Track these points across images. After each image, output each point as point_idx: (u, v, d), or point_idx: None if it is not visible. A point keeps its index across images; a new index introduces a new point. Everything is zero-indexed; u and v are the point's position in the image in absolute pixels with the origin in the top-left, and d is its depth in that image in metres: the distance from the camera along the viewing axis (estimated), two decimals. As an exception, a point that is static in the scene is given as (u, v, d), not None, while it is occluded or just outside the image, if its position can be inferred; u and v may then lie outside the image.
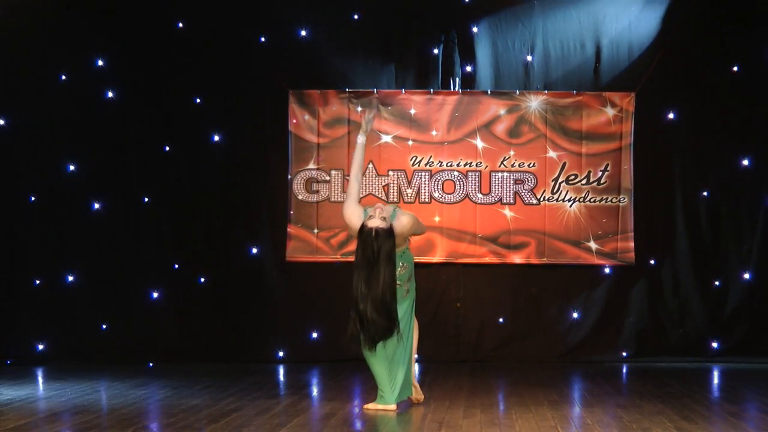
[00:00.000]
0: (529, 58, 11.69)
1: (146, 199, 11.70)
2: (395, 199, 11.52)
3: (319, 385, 9.64)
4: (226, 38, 11.64)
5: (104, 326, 11.59)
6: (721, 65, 11.59)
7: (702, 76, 11.57)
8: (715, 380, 10.08)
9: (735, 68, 11.56)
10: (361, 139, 8.11)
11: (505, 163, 11.64)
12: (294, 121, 11.70)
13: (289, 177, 11.65)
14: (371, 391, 8.89)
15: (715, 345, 11.49)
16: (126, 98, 11.71)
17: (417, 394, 8.34)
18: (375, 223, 7.64)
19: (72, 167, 11.66)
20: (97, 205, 11.66)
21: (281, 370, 10.85)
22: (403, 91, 11.71)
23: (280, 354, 11.57)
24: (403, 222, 7.91)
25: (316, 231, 11.64)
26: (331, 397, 8.71)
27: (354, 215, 7.91)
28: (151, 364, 11.31)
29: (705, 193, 11.59)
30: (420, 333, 8.54)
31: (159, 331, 11.60)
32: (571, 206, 11.56)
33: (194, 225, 11.69)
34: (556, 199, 11.60)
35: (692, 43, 11.56)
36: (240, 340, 11.58)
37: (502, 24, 11.68)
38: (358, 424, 7.33)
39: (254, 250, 11.66)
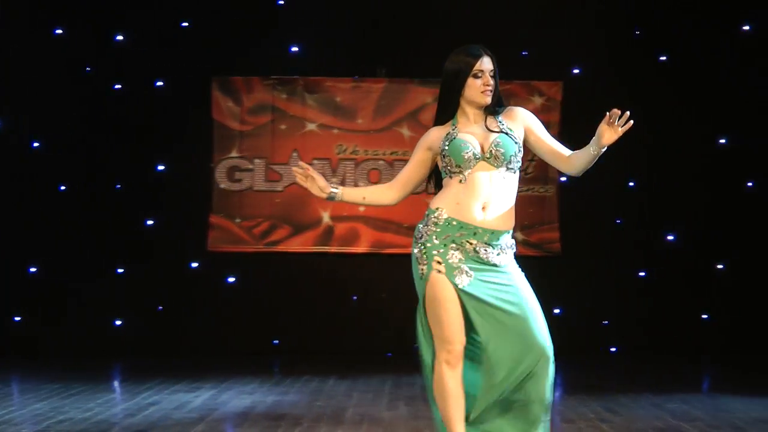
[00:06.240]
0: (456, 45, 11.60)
1: (63, 187, 11.47)
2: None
3: (240, 377, 9.47)
4: (148, 23, 11.43)
5: (19, 320, 11.36)
6: (650, 55, 11.64)
7: (630, 66, 11.60)
8: (639, 371, 10.11)
9: (663, 58, 11.63)
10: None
11: (431, 152, 11.54)
12: (217, 108, 11.53)
13: (212, 165, 11.48)
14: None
15: (637, 336, 11.52)
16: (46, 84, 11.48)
17: None
18: None
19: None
20: (11, 194, 11.42)
21: (202, 362, 10.66)
22: (329, 79, 11.58)
23: (202, 345, 11.39)
24: None
25: (238, 220, 11.48)
26: (252, 391, 8.60)
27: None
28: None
29: (631, 184, 11.63)
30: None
31: (75, 324, 11.36)
32: (497, 196, 11.51)
33: (114, 213, 11.46)
34: (483, 189, 11.54)
35: (621, 31, 11.59)
36: (159, 331, 11.39)
37: (430, 11, 11.58)
38: (279, 417, 7.23)
39: (175, 240, 11.47)
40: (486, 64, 5.26)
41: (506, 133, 5.17)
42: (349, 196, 5.31)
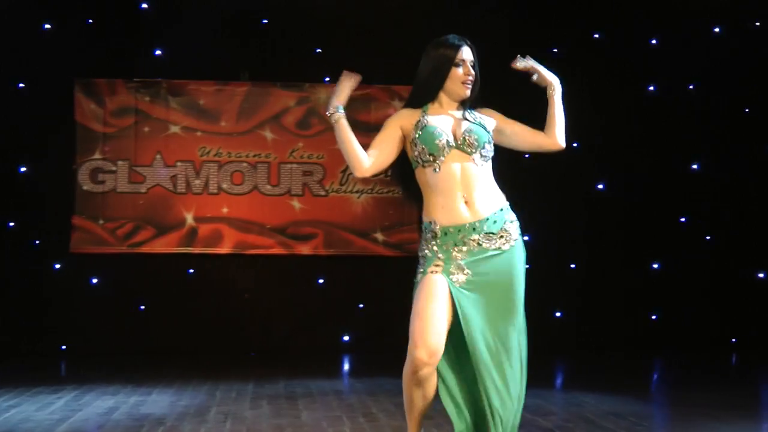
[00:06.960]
0: (319, 49, 11.76)
1: None
2: (183, 191, 11.46)
3: (103, 378, 9.39)
4: (9, 23, 11.28)
5: None
6: (507, 62, 11.90)
7: (488, 72, 11.84)
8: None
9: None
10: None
11: (294, 154, 11.70)
12: (80, 110, 11.46)
13: (75, 167, 11.42)
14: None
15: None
16: None
17: None
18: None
19: None
20: None
21: (64, 364, 10.60)
22: (192, 82, 11.62)
23: (63, 347, 11.31)
24: None
25: (101, 222, 11.44)
26: (115, 392, 8.57)
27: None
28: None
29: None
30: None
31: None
32: (359, 198, 11.72)
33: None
34: (344, 191, 11.74)
35: (481, 39, 11.80)
36: (20, 333, 11.25)
37: (293, 16, 11.68)
38: (142, 418, 7.26)
39: (37, 242, 11.36)
40: (466, 54, 5.19)
41: (478, 124, 5.09)
42: (343, 130, 4.89)
